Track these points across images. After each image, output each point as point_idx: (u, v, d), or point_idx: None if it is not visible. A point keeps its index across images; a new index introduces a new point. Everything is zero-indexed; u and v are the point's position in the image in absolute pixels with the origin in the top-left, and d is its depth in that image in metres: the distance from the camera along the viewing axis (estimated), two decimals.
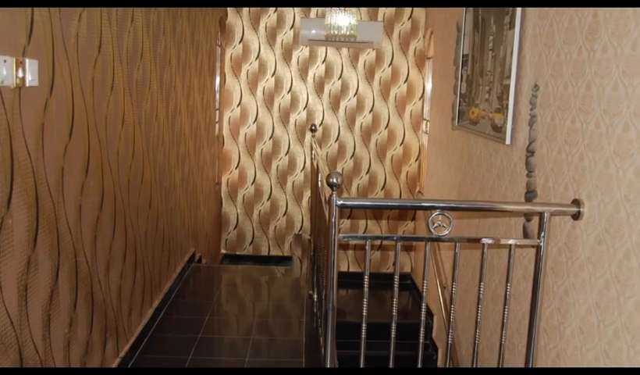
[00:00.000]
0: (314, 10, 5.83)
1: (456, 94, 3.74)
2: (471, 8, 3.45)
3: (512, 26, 2.71)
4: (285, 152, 6.10)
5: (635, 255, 1.72)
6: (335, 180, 1.90)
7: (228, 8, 5.77)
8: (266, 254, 6.24)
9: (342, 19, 4.97)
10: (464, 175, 3.67)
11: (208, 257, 5.45)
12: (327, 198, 2.11)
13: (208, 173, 5.34)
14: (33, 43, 1.85)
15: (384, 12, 5.85)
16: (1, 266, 1.71)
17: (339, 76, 5.96)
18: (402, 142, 6.05)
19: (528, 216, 2.55)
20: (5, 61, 1.67)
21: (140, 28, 3.00)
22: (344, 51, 5.91)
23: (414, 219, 6.11)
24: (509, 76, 2.73)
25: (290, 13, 5.85)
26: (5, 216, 1.72)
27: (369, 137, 6.05)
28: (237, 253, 6.24)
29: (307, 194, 6.09)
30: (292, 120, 6.03)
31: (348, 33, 5.03)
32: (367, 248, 2.06)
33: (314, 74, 5.96)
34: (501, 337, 2.16)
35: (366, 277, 2.08)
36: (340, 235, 1.98)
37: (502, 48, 2.85)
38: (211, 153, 5.42)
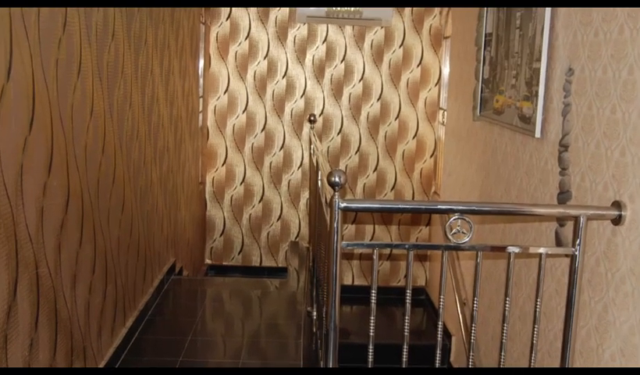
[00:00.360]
0: None
1: (478, 79, 3.74)
2: None
3: None
4: (279, 147, 6.11)
5: None
6: (337, 179, 1.90)
7: None
8: (257, 264, 6.25)
9: None
10: (487, 173, 3.68)
11: (191, 268, 5.45)
12: (328, 200, 2.11)
13: (191, 171, 5.34)
14: None
15: None
16: None
17: (342, 58, 5.96)
18: (415, 135, 6.06)
19: (561, 220, 2.55)
20: None
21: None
22: (348, 29, 5.92)
23: (428, 224, 6.11)
24: (539, 59, 2.73)
25: None
26: None
27: (377, 129, 6.06)
28: (224, 264, 6.24)
29: (305, 195, 6.10)
30: (287, 110, 6.03)
31: (352, 8, 5.03)
32: (374, 257, 2.06)
33: (314, 56, 5.97)
34: (530, 361, 2.16)
35: (373, 292, 2.08)
36: (343, 243, 1.98)
37: (531, 26, 2.85)
38: (193, 148, 5.42)
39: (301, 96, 6.02)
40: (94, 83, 2.78)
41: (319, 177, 3.43)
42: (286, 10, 5.89)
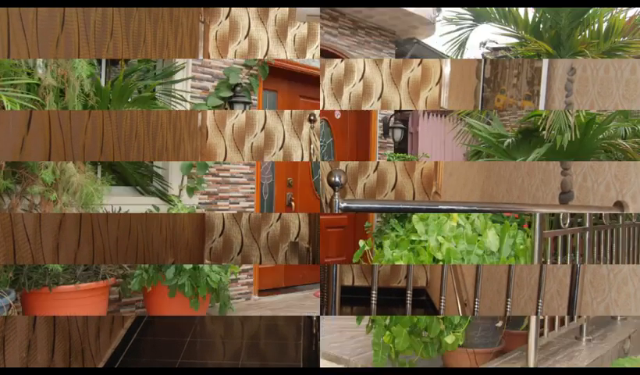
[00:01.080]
0: None
1: (479, 78, 3.74)
2: None
3: None
4: (279, 147, 6.10)
5: None
6: (337, 179, 1.90)
7: None
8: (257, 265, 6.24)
9: None
10: (488, 173, 3.67)
11: None
12: (328, 200, 2.11)
13: None
14: None
15: None
16: None
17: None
18: None
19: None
20: None
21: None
22: None
23: None
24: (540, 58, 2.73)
25: None
26: None
27: None
28: (223, 264, 6.22)
29: None
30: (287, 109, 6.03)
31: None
32: None
33: (313, 55, 5.96)
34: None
35: (374, 293, 2.08)
36: None
37: None
38: (192, 147, 5.41)
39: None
40: None
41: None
42: (285, 9, 5.88)
